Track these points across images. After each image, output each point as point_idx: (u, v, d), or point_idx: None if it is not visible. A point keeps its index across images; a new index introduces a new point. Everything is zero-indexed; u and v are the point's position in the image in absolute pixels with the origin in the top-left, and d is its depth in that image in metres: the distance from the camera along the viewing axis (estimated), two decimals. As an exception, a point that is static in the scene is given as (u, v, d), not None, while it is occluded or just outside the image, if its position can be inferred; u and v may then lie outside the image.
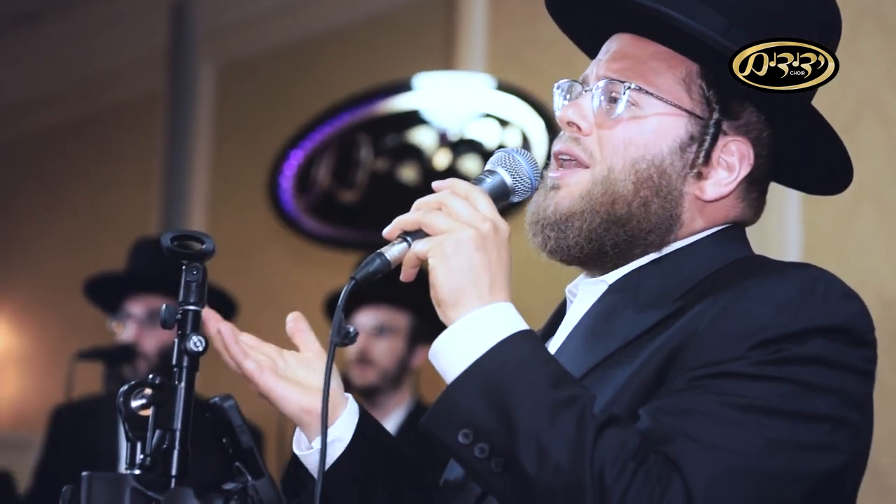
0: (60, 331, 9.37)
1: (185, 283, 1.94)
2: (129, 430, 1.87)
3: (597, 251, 2.09)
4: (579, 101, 2.13)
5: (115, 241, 9.00)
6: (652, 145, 2.07)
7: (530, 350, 1.87)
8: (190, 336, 1.91)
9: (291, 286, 7.74)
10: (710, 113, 2.09)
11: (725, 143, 2.09)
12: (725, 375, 1.86)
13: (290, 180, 6.73)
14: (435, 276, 1.91)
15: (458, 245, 1.89)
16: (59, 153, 9.84)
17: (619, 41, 2.16)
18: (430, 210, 1.94)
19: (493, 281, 1.91)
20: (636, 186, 2.07)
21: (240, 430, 1.91)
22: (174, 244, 1.94)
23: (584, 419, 1.79)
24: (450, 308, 1.91)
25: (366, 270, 1.95)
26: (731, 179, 2.10)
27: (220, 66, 8.76)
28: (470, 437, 1.83)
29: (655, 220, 2.08)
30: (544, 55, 6.09)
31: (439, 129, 6.20)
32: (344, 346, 2.00)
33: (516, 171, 2.05)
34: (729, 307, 1.91)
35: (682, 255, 2.10)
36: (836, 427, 1.87)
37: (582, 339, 2.12)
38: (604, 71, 2.13)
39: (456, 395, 1.85)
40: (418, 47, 7.40)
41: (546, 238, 2.11)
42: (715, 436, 1.81)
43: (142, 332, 4.72)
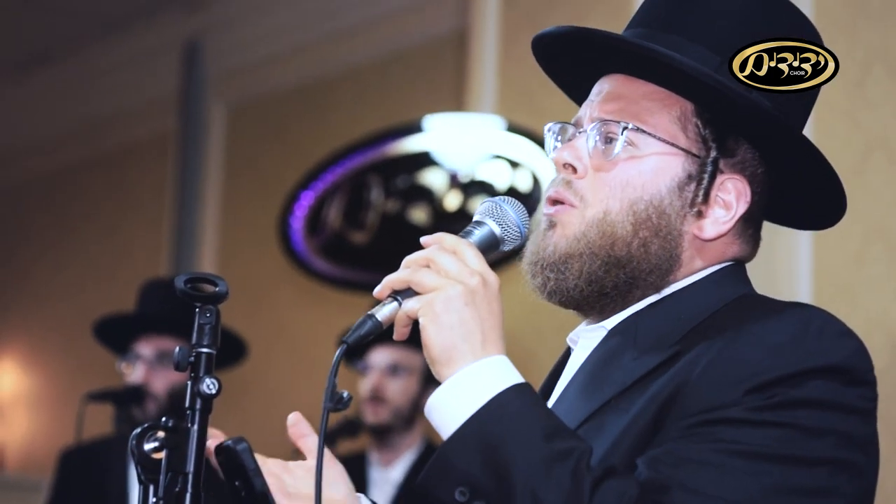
0: (70, 372, 9.37)
1: (198, 326, 1.93)
2: (141, 473, 1.87)
3: (597, 293, 2.07)
4: (574, 142, 2.12)
5: (125, 281, 9.01)
6: (650, 185, 2.06)
7: (524, 403, 1.86)
8: (203, 378, 1.90)
9: (302, 327, 7.75)
10: (707, 151, 2.07)
11: (722, 182, 2.08)
12: (721, 422, 1.84)
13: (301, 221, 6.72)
14: (426, 335, 1.89)
15: (447, 302, 1.88)
16: (70, 194, 9.87)
17: (611, 82, 2.14)
18: (418, 268, 1.93)
19: (486, 335, 1.89)
20: (635, 227, 2.05)
21: (253, 474, 1.90)
22: (188, 287, 1.94)
23: (580, 472, 1.78)
24: (443, 365, 1.89)
25: (357, 334, 1.93)
26: (729, 217, 2.09)
27: (231, 108, 8.79)
28: (466, 495, 1.82)
29: (655, 261, 2.06)
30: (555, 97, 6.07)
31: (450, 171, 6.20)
32: (337, 412, 1.98)
33: (504, 221, 2.03)
34: (723, 351, 1.90)
35: (681, 297, 2.08)
36: (837, 469, 1.85)
37: (580, 386, 2.10)
38: (598, 112, 2.11)
39: (451, 454, 1.84)
40: (429, 89, 7.43)
41: (546, 279, 2.09)
42: (711, 485, 1.79)
43: (151, 373, 4.71)
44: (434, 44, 7.53)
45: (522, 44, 6.41)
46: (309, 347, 7.44)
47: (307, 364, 7.43)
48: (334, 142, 7.30)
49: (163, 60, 9.03)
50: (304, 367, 7.51)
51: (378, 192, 6.55)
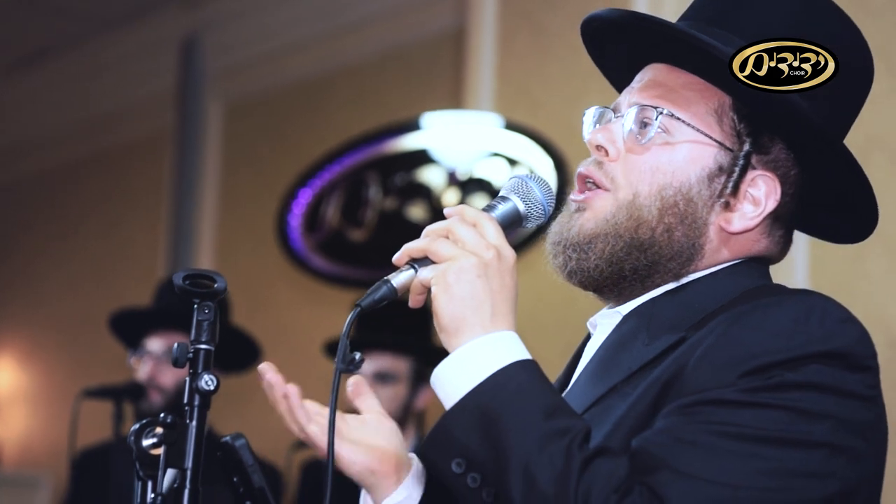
0: (68, 369, 9.37)
1: (196, 322, 1.94)
2: (140, 469, 1.87)
3: (616, 275, 2.08)
4: (609, 126, 2.13)
5: (123, 278, 9.02)
6: (680, 172, 2.07)
7: (526, 380, 1.87)
8: (201, 375, 1.90)
9: (300, 324, 7.74)
10: (741, 145, 2.08)
11: (753, 177, 2.08)
12: (714, 403, 1.83)
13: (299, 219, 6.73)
14: (437, 304, 1.91)
15: (459, 273, 1.89)
16: (67, 191, 9.87)
17: (653, 71, 2.16)
18: (436, 237, 1.94)
19: (495, 309, 1.90)
20: (661, 212, 2.06)
21: (251, 469, 1.90)
22: (186, 283, 1.94)
23: (572, 451, 1.79)
24: (451, 336, 1.91)
25: (372, 297, 1.96)
26: (757, 213, 2.09)
27: (228, 105, 8.79)
28: (463, 467, 1.83)
29: (678, 248, 2.07)
30: (553, 94, 6.10)
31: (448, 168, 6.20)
32: (350, 373, 2.00)
33: (529, 198, 2.04)
34: (723, 335, 1.89)
35: (698, 286, 2.08)
36: (833, 454, 1.83)
37: (591, 371, 2.11)
38: (636, 98, 2.13)
39: (450, 425, 1.86)
40: (427, 86, 7.43)
41: (567, 259, 2.09)
42: (701, 467, 1.79)
43: (158, 368, 4.71)
44: (432, 41, 7.54)
45: (520, 41, 6.43)
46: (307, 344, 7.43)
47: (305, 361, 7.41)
48: (332, 139, 7.31)
49: (160, 58, 9.03)
50: (302, 364, 7.50)
51: (376, 190, 6.55)
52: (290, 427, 2.07)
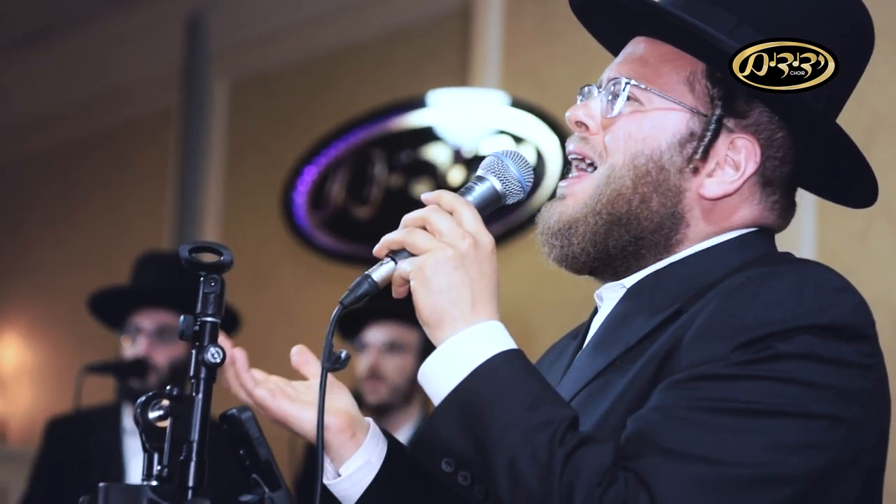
0: (72, 345, 9.38)
1: (203, 295, 1.93)
2: (146, 441, 1.87)
3: (603, 255, 2.08)
4: (588, 101, 2.14)
5: (127, 256, 8.98)
6: (650, 139, 2.06)
7: (509, 372, 1.86)
8: (208, 348, 1.90)
9: (304, 302, 7.74)
10: (713, 109, 2.07)
11: (731, 141, 2.07)
12: (708, 378, 1.82)
13: (304, 196, 6.73)
14: (417, 298, 1.90)
15: (436, 266, 1.89)
16: (72, 169, 9.86)
17: (634, 44, 2.16)
18: (413, 228, 1.94)
19: (476, 299, 1.90)
20: (634, 182, 2.05)
21: (257, 443, 1.90)
22: (192, 256, 1.94)
23: (555, 443, 1.78)
24: (434, 329, 1.91)
25: (353, 295, 1.96)
26: (737, 177, 2.07)
27: (233, 83, 8.77)
28: (452, 466, 1.84)
29: (658, 219, 2.06)
30: (559, 72, 6.09)
31: (454, 146, 6.20)
32: (335, 371, 2.01)
33: (506, 176, 2.04)
34: (717, 308, 1.88)
35: (701, 258, 2.07)
36: (831, 425, 1.82)
37: (594, 345, 2.11)
38: (613, 72, 2.13)
39: (437, 424, 1.86)
40: (433, 64, 7.41)
41: (552, 247, 2.11)
42: (692, 445, 1.77)
43: (152, 346, 4.71)
44: (438, 19, 7.51)
45: (526, 19, 6.41)
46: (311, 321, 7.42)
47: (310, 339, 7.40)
48: (337, 117, 7.30)
49: (165, 35, 9.01)
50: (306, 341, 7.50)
51: (381, 167, 6.55)
52: (236, 393, 2.08)
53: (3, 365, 10.05)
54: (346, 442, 2.09)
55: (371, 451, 2.11)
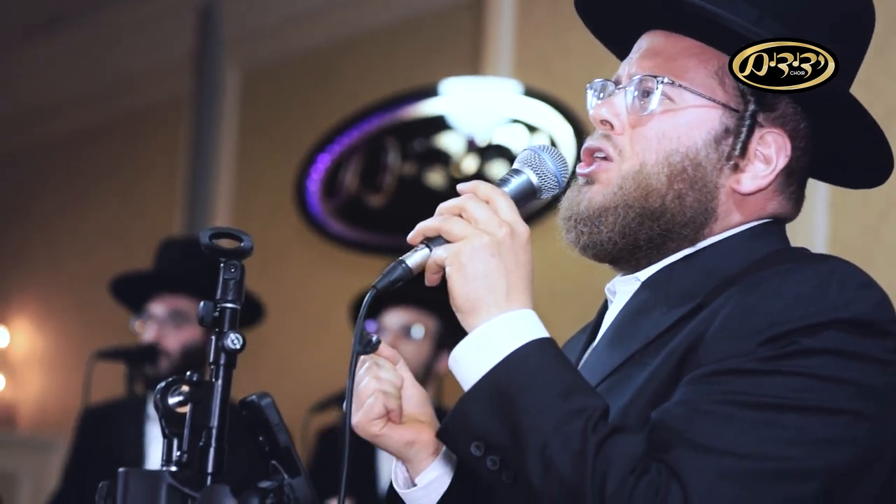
0: (83, 331, 9.39)
1: (223, 281, 1.93)
2: (165, 427, 1.86)
3: (630, 246, 2.07)
4: (612, 99, 2.12)
5: (138, 242, 9.02)
6: (685, 138, 2.05)
7: (542, 359, 1.86)
8: (227, 333, 1.89)
9: (315, 289, 7.74)
10: (746, 105, 2.06)
11: (762, 135, 2.07)
12: (733, 373, 1.82)
13: (318, 184, 6.73)
14: (452, 284, 1.90)
15: (473, 252, 1.89)
16: (84, 156, 9.87)
17: (651, 38, 2.15)
18: (449, 216, 1.94)
19: (511, 287, 1.90)
20: (670, 179, 2.05)
21: (277, 429, 1.90)
22: (212, 241, 1.94)
23: (588, 431, 1.78)
24: (467, 316, 1.91)
25: (387, 279, 1.95)
26: (769, 171, 2.07)
27: (245, 71, 8.77)
28: (481, 450, 1.83)
29: (690, 214, 2.06)
30: (571, 62, 6.09)
31: (467, 135, 6.19)
32: (366, 355, 2.02)
33: (542, 170, 2.03)
34: (741, 303, 1.88)
35: (715, 251, 2.07)
36: (855, 420, 1.82)
37: (610, 340, 2.10)
38: (636, 69, 2.12)
39: (467, 408, 1.85)
40: (445, 53, 7.40)
41: (579, 233, 2.09)
42: (719, 438, 1.78)
43: (162, 331, 4.71)
44: (450, 7, 7.51)
45: (538, 8, 6.41)
46: (323, 310, 7.44)
47: (321, 326, 7.43)
48: (349, 106, 7.29)
49: (178, 23, 9.01)
50: (317, 329, 7.51)
51: (395, 155, 6.55)
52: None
53: (13, 351, 10.07)
54: (428, 455, 2.11)
55: (446, 462, 2.12)
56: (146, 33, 9.25)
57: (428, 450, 2.11)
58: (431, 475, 2.11)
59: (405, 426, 2.10)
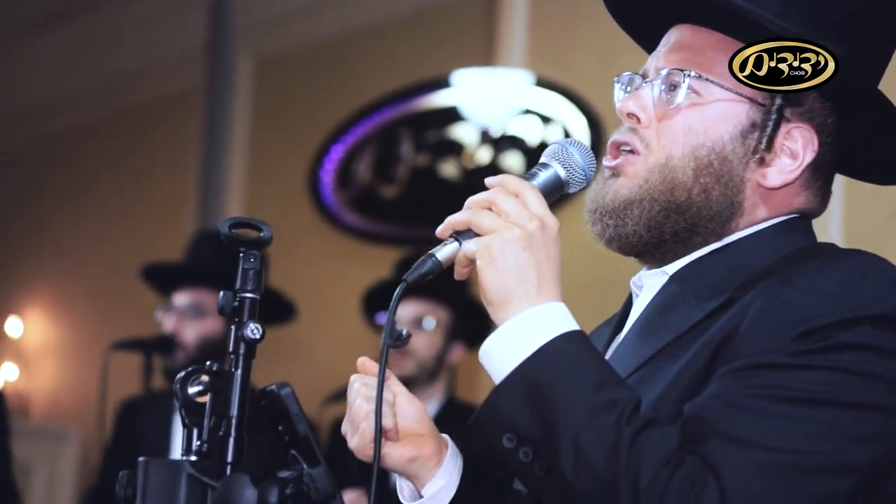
0: (96, 321, 9.40)
1: (242, 271, 1.93)
2: (185, 417, 1.87)
3: (656, 239, 2.08)
4: (639, 92, 2.12)
5: (152, 234, 9.03)
6: (712, 131, 2.06)
7: (574, 352, 1.86)
8: (247, 323, 1.90)
9: (327, 280, 7.74)
10: (772, 99, 2.06)
11: (788, 130, 2.07)
12: (767, 367, 1.82)
13: (331, 174, 6.73)
14: (483, 277, 1.90)
15: (504, 245, 1.89)
16: (96, 146, 9.87)
17: (678, 32, 2.15)
18: (479, 209, 1.94)
19: (542, 280, 1.90)
20: (696, 173, 2.05)
21: (297, 419, 1.90)
22: (232, 231, 1.94)
23: (622, 423, 1.78)
24: (498, 309, 1.90)
25: (417, 272, 1.96)
26: (796, 166, 2.08)
27: (258, 61, 8.77)
28: (514, 442, 1.83)
29: (717, 208, 2.06)
30: (584, 53, 6.08)
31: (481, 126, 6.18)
32: (397, 348, 2.01)
33: (570, 164, 2.04)
34: (774, 297, 1.88)
35: (743, 245, 2.07)
36: (886, 416, 1.83)
37: (638, 332, 2.10)
38: (663, 62, 2.12)
39: (499, 400, 1.85)
40: (458, 44, 7.39)
41: (605, 226, 2.10)
42: (753, 432, 1.78)
43: (181, 323, 4.73)
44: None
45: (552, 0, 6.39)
46: (336, 300, 7.44)
47: (334, 317, 7.43)
48: (362, 97, 7.29)
49: (190, 13, 9.01)
50: (330, 320, 7.51)
51: (408, 146, 6.54)
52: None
53: (26, 342, 10.08)
54: (432, 467, 2.11)
55: (451, 470, 2.12)
56: (159, 24, 9.25)
57: (431, 462, 2.12)
58: (437, 485, 2.11)
59: (404, 443, 2.11)
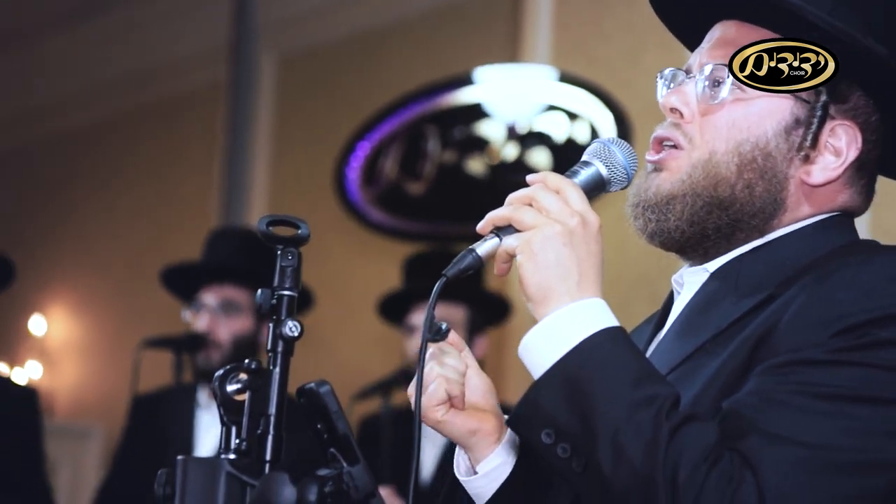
0: (120, 320, 9.42)
1: (280, 269, 1.92)
2: (223, 415, 1.87)
3: (698, 235, 2.07)
4: (682, 87, 2.12)
5: (175, 230, 9.05)
6: (756, 127, 2.05)
7: (613, 348, 1.85)
8: (285, 321, 1.89)
9: (352, 276, 7.74)
10: (817, 96, 2.05)
11: (832, 127, 2.06)
12: (806, 363, 1.81)
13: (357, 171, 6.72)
14: (523, 273, 1.89)
15: (545, 241, 1.88)
16: (120, 143, 9.90)
17: (723, 28, 2.14)
18: (520, 205, 1.93)
19: (582, 276, 1.89)
20: (739, 169, 2.04)
21: (336, 416, 1.89)
22: (269, 229, 1.93)
23: (660, 419, 1.77)
24: (539, 304, 1.89)
25: (458, 267, 1.95)
26: (839, 164, 2.06)
27: (281, 58, 8.78)
28: (552, 437, 1.82)
29: (759, 204, 2.05)
30: (610, 49, 6.06)
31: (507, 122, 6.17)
32: (436, 343, 2.03)
33: (612, 162, 2.03)
34: (814, 294, 1.87)
35: (784, 243, 2.06)
36: None
37: (679, 330, 2.10)
38: (707, 58, 2.11)
39: (538, 396, 1.85)
40: (482, 40, 7.38)
41: (647, 221, 2.09)
42: (792, 429, 1.77)
43: (215, 321, 4.73)
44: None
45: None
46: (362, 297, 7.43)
47: (360, 314, 7.42)
48: (385, 93, 7.28)
49: (214, 10, 9.02)
50: (356, 316, 7.51)
51: (435, 143, 6.53)
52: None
53: (50, 339, 10.11)
54: (491, 443, 2.12)
55: (509, 450, 2.13)
56: (182, 21, 9.27)
57: (490, 438, 2.12)
58: (493, 463, 2.11)
59: (468, 413, 2.11)
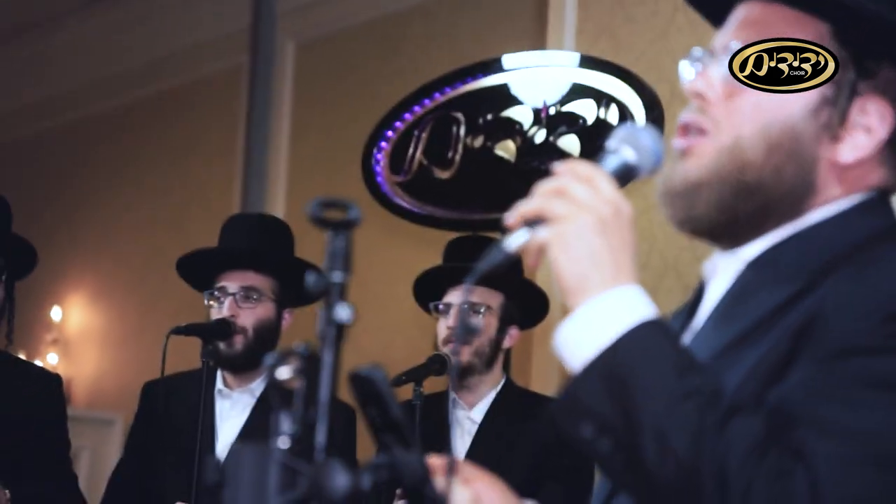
0: (138, 308, 9.43)
1: (331, 252, 1.89)
2: (275, 401, 1.84)
3: (728, 221, 2.03)
4: (707, 70, 2.08)
5: (195, 217, 9.04)
6: (782, 108, 2.01)
7: (653, 338, 1.81)
8: (337, 306, 1.86)
9: (373, 260, 7.71)
10: (844, 73, 2.01)
11: (862, 104, 2.02)
12: (855, 352, 1.77)
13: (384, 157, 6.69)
14: (557, 265, 1.85)
15: (578, 232, 1.84)
16: (139, 130, 9.89)
17: (747, 9, 2.11)
18: (549, 196, 1.88)
19: (618, 265, 1.85)
20: (767, 152, 2.00)
21: (390, 402, 1.87)
22: (320, 212, 1.90)
23: (706, 411, 1.73)
24: (575, 296, 1.85)
25: (489, 262, 1.90)
26: (870, 141, 2.02)
27: (301, 44, 8.76)
28: (594, 432, 1.79)
29: (789, 188, 2.00)
30: (635, 33, 6.03)
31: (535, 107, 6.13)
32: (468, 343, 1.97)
33: (640, 148, 1.98)
34: (859, 281, 1.83)
35: (823, 228, 2.02)
36: None
37: (717, 319, 2.06)
38: (731, 38, 2.08)
39: (578, 390, 1.81)
40: (505, 25, 7.36)
41: (676, 209, 2.05)
42: (843, 420, 1.73)
43: (238, 308, 4.70)
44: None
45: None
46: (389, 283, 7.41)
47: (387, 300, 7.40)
48: (405, 79, 7.25)
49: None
50: (383, 303, 7.49)
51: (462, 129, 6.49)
52: None
53: (68, 327, 10.12)
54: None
55: None
56: (201, 7, 9.26)
57: None
58: None
59: None
